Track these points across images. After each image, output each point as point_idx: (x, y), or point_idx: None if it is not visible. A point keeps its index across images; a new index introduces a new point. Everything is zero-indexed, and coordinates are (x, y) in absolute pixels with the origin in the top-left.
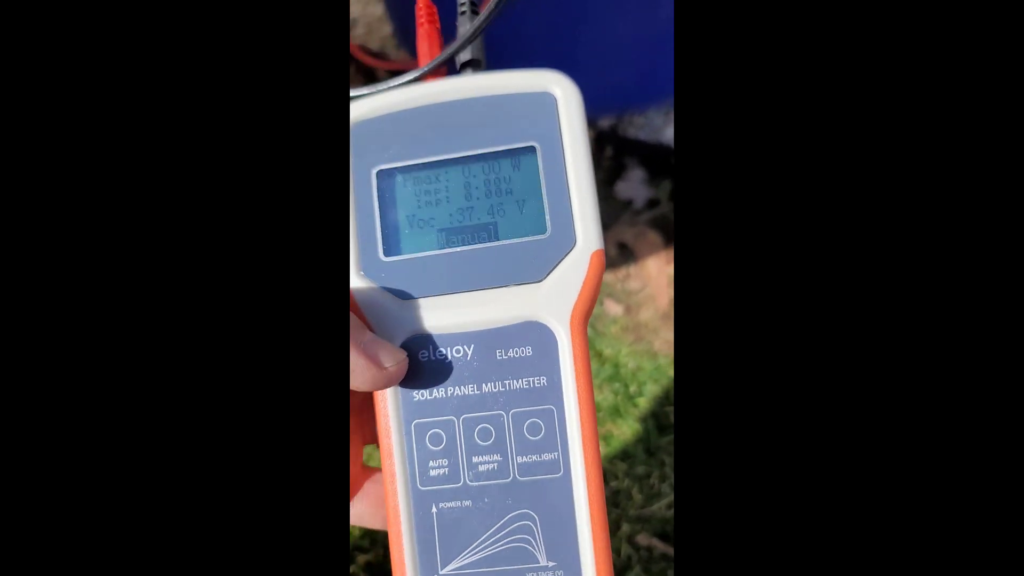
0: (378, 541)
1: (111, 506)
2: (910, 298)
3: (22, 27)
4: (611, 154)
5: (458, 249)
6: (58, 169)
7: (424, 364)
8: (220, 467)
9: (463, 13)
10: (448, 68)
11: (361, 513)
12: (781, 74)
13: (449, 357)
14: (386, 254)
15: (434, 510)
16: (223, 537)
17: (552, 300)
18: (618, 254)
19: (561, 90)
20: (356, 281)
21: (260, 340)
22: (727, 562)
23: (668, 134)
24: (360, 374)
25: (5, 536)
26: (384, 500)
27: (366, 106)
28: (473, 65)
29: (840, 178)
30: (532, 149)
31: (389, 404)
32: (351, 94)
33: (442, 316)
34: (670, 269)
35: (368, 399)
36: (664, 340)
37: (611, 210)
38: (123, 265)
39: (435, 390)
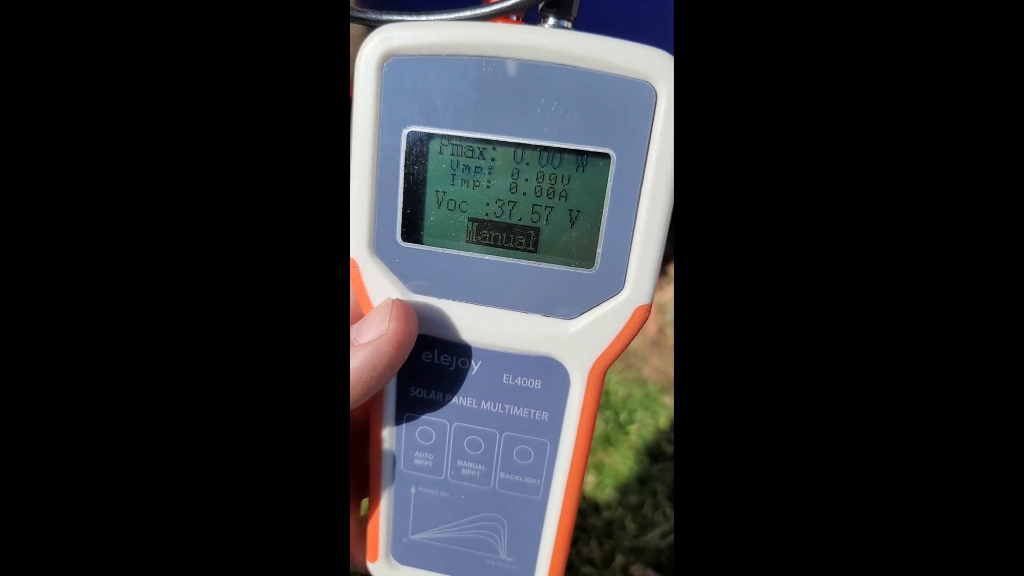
0: None
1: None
2: (912, 320)
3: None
4: None
5: (488, 258)
6: (49, 142)
7: (426, 365)
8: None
9: None
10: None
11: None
12: (777, 112)
13: (454, 366)
14: (405, 238)
15: (413, 490)
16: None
17: (578, 344)
18: None
19: (666, 84)
20: (367, 261)
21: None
22: None
23: None
24: (370, 369)
25: (5, 536)
26: (359, 540)
27: (408, 38)
28: (559, 9)
29: (838, 209)
30: (606, 157)
31: (385, 390)
32: (380, 16)
33: (455, 324)
34: (656, 297)
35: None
36: (653, 367)
37: None
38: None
39: (433, 392)
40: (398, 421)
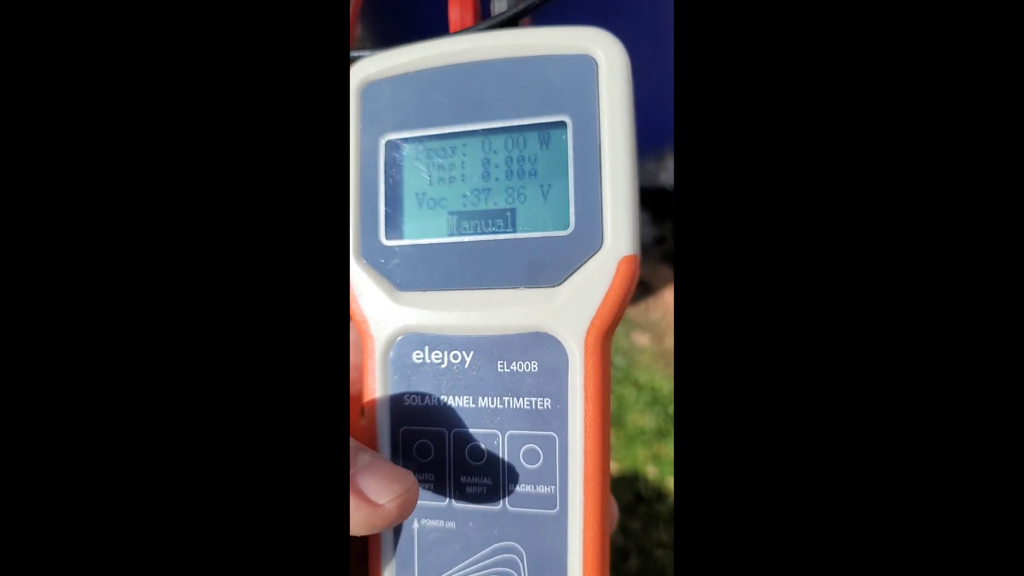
0: None
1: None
2: (916, 337)
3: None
4: None
5: (468, 239)
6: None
7: (418, 367)
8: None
9: None
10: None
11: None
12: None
13: (445, 362)
14: (388, 237)
15: (415, 525)
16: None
17: (567, 310)
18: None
19: (604, 53)
20: (354, 266)
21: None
22: None
23: (663, 178)
24: (367, 528)
25: (5, 536)
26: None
27: (378, 65)
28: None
29: (835, 224)
30: (562, 125)
31: (378, 407)
32: (357, 54)
33: (443, 315)
34: None
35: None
36: None
37: None
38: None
39: (428, 399)
40: (394, 439)
